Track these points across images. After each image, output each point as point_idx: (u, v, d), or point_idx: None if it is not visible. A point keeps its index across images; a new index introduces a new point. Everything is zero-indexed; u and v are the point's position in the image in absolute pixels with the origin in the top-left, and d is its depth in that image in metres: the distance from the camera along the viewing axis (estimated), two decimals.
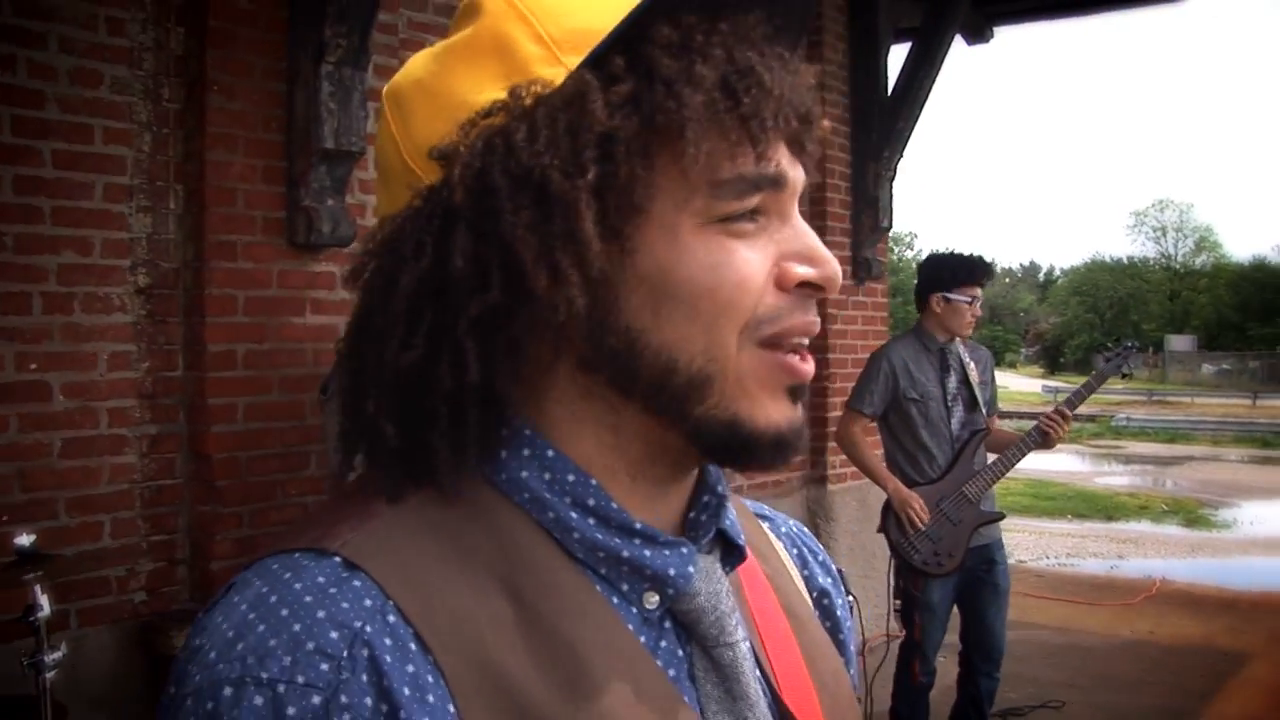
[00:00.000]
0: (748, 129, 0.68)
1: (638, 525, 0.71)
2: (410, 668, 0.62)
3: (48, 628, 2.35)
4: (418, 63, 0.76)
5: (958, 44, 6.61)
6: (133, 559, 3.47)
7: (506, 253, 0.66)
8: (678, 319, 0.69)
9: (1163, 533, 12.47)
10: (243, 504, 3.65)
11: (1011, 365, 68.88)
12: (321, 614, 0.62)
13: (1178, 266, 73.44)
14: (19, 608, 2.59)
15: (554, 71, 0.69)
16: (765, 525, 0.93)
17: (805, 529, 0.98)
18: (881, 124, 6.49)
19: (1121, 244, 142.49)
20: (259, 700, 0.59)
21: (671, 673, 0.72)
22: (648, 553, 0.71)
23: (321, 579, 0.64)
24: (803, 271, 0.71)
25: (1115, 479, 17.73)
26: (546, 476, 0.70)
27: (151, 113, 3.54)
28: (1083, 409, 4.53)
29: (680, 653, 0.73)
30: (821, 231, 6.53)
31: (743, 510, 0.90)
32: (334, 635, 0.61)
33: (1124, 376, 4.72)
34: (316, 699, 0.59)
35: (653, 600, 0.72)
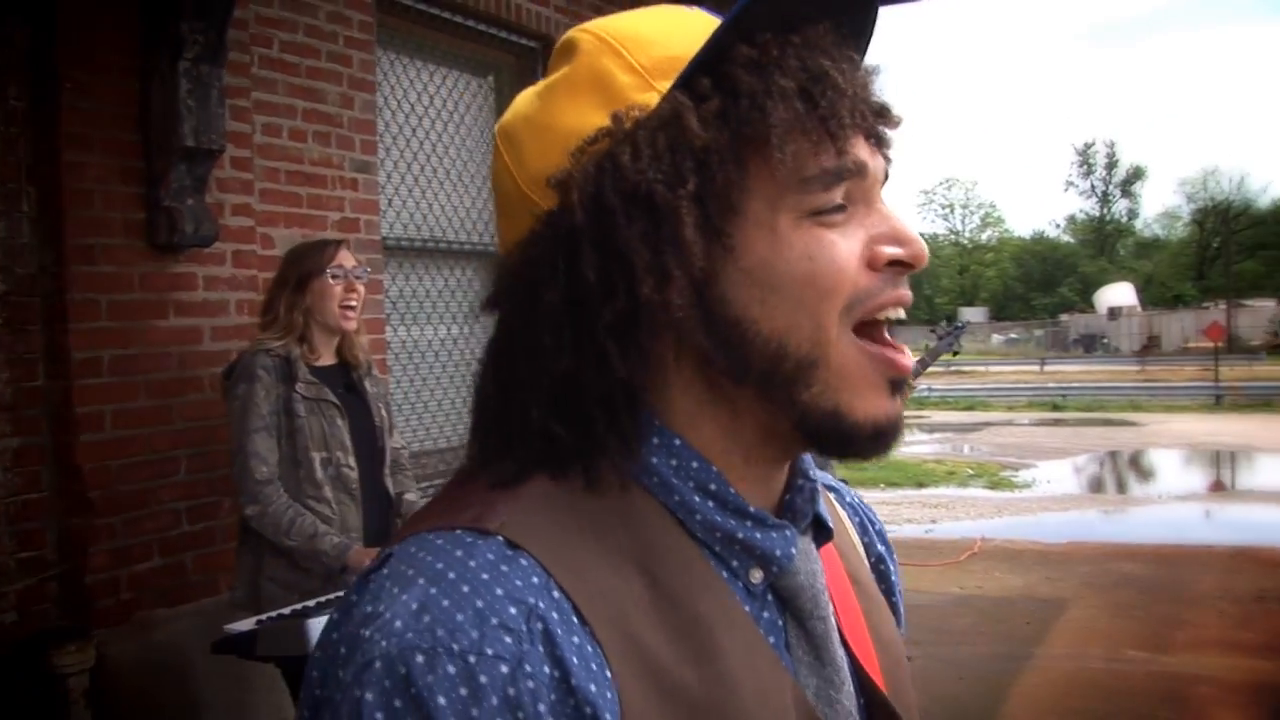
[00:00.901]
0: (826, 128, 0.75)
1: (751, 510, 0.78)
2: (575, 639, 0.68)
3: None
4: (523, 101, 0.84)
5: None
6: (0, 579, 3.32)
7: (625, 264, 0.73)
8: (784, 308, 0.75)
9: (970, 495, 13.13)
10: (115, 514, 3.54)
11: None
12: (500, 591, 0.68)
13: (966, 242, 77.26)
14: None
15: (648, 96, 0.77)
16: (832, 496, 1.00)
17: (865, 501, 1.05)
18: None
19: (913, 221, 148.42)
20: (452, 669, 0.65)
21: (772, 640, 0.79)
22: (759, 534, 0.78)
23: (491, 556, 0.70)
24: (891, 251, 0.77)
25: (921, 447, 18.49)
26: (673, 463, 0.77)
27: None
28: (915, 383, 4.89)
29: (779, 623, 0.80)
30: None
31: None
32: (513, 611, 0.67)
33: (954, 354, 5.13)
34: (504, 668, 0.65)
35: (757, 576, 0.79)
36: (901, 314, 0.80)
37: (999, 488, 13.80)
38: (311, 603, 3.03)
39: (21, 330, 3.43)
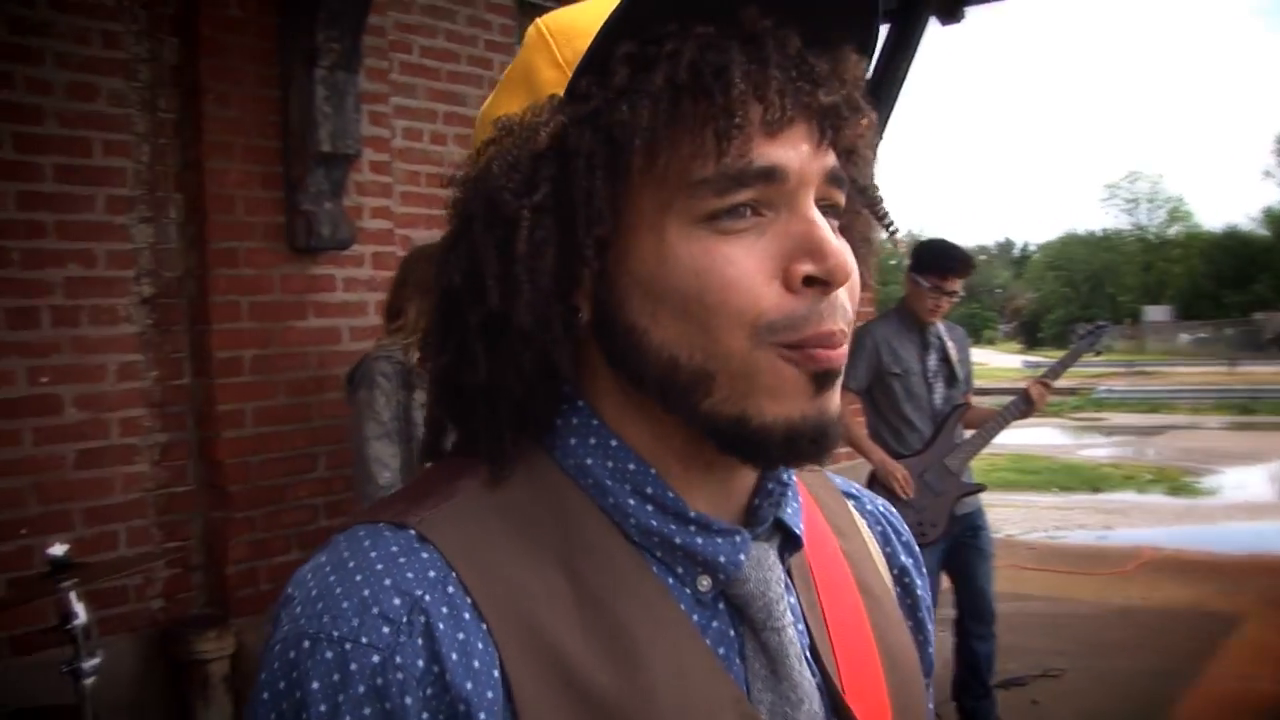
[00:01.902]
0: (715, 128, 0.68)
1: (692, 514, 0.75)
2: (461, 635, 0.68)
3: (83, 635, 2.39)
4: (492, 92, 0.83)
5: (930, 24, 6.65)
6: (149, 567, 3.50)
7: (478, 270, 0.72)
8: (673, 320, 0.71)
9: (1148, 502, 12.54)
10: (254, 508, 3.69)
11: (990, 342, 69.11)
12: (388, 581, 0.69)
13: (1151, 238, 73.81)
14: (43, 619, 2.63)
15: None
16: (851, 504, 0.96)
17: (892, 509, 1.00)
18: None
19: (1095, 217, 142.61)
20: (329, 655, 0.67)
21: (721, 651, 0.75)
22: (699, 540, 0.75)
23: (395, 549, 0.71)
24: (804, 268, 0.70)
25: (1098, 450, 17.80)
26: (609, 464, 0.75)
27: (149, 123, 3.57)
28: (1063, 382, 4.66)
29: (731, 633, 0.76)
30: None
31: (828, 488, 0.94)
32: (396, 602, 0.68)
33: (1098, 353, 4.85)
34: (376, 658, 0.66)
35: (705, 583, 0.75)
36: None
37: (1180, 494, 13.12)
38: None
39: (169, 331, 3.61)
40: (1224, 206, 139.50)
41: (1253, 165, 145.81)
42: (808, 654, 0.80)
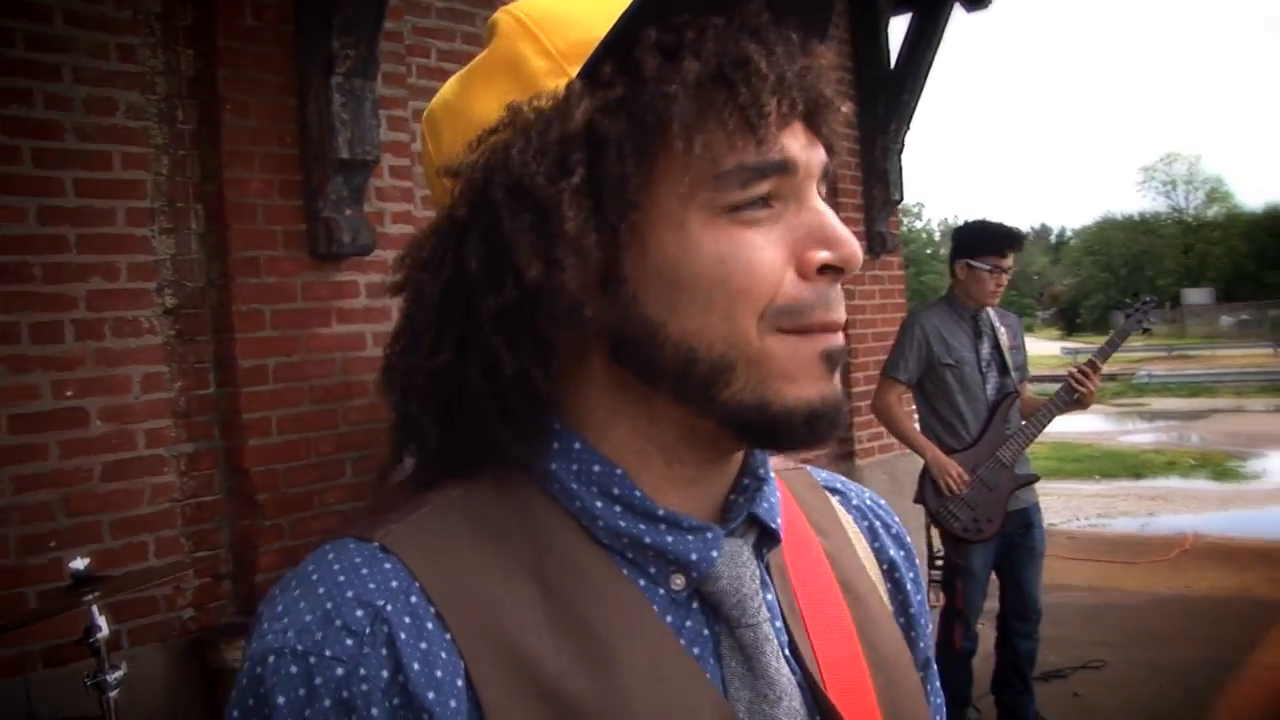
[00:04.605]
0: (744, 118, 0.70)
1: (660, 511, 0.74)
2: (424, 644, 0.68)
3: (106, 647, 2.39)
4: (448, 86, 0.82)
5: (957, 12, 6.59)
6: (178, 576, 3.51)
7: (509, 254, 0.70)
8: (694, 310, 0.71)
9: (1192, 488, 12.41)
10: (282, 515, 3.69)
11: (1029, 329, 68.46)
12: (350, 593, 0.69)
13: (1190, 220, 72.69)
14: (73, 631, 2.64)
15: (560, 83, 0.73)
16: (836, 499, 0.94)
17: (881, 501, 0.98)
18: (886, 97, 6.49)
19: (1132, 200, 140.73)
20: (294, 669, 0.67)
21: (696, 650, 0.75)
22: (669, 538, 0.74)
23: (358, 559, 0.71)
24: (821, 255, 0.73)
25: (1140, 436, 17.64)
26: (574, 468, 0.75)
27: (167, 135, 3.57)
28: (1103, 368, 4.56)
29: (706, 632, 0.76)
30: (835, 209, 6.52)
31: (810, 485, 0.93)
32: (359, 613, 0.68)
33: (1144, 332, 4.72)
34: (340, 670, 0.67)
35: (679, 582, 0.75)
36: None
37: (1225, 479, 12.98)
38: None
39: (192, 341, 3.62)
40: (1264, 185, 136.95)
41: None
42: (786, 651, 0.80)
